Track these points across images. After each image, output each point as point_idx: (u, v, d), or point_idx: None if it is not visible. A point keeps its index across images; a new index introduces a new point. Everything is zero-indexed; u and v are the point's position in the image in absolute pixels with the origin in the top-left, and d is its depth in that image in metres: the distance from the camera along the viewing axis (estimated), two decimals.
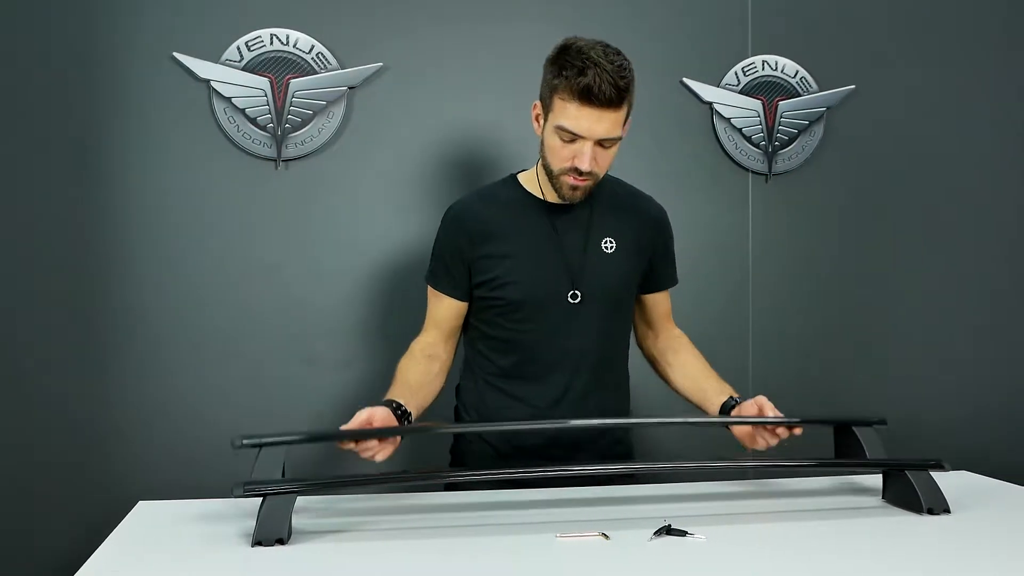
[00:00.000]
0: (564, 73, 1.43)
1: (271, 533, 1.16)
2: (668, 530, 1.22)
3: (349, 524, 1.28)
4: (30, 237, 2.01)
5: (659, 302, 1.74)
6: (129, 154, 2.05)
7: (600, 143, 1.47)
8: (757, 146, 2.37)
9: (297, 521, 1.25)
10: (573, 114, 1.44)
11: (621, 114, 1.47)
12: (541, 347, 1.59)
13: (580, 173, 1.49)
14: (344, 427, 1.35)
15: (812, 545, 1.20)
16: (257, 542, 1.16)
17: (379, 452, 1.36)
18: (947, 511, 1.34)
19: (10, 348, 2.00)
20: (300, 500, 1.26)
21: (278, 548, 1.15)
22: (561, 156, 1.49)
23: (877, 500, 1.44)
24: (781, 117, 2.38)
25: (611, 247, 1.62)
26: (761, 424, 1.45)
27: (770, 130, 2.37)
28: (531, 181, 1.64)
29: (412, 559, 1.13)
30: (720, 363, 1.70)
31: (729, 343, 2.35)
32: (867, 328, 2.43)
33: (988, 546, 1.21)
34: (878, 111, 2.43)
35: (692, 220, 2.33)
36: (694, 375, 1.67)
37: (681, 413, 1.77)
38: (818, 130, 2.40)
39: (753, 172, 2.38)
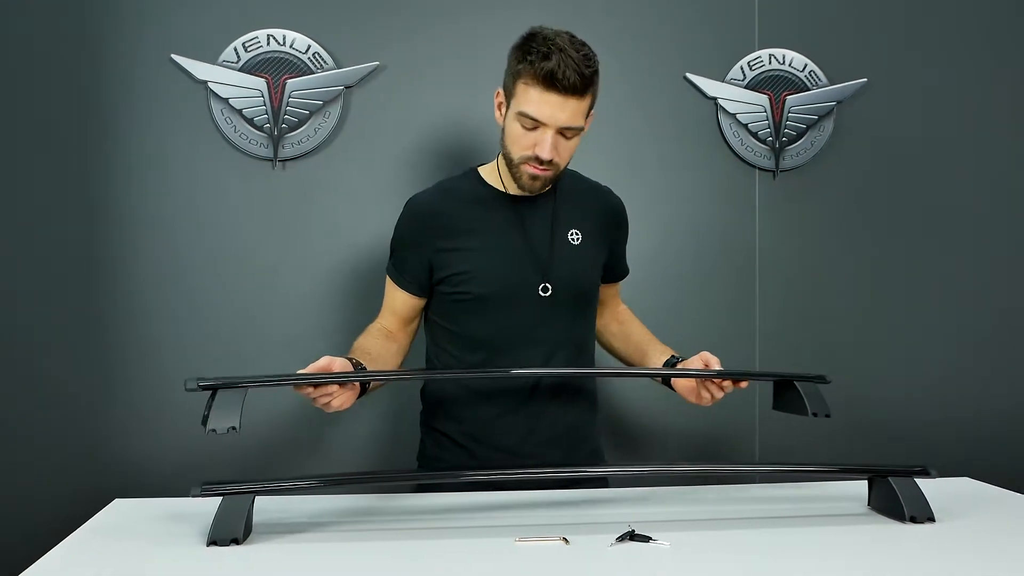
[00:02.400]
0: (528, 58, 1.42)
1: (226, 533, 1.16)
2: (631, 536, 1.19)
3: (308, 525, 1.27)
4: (27, 237, 2.03)
5: (612, 288, 1.76)
6: (128, 155, 2.06)
7: (562, 132, 1.45)
8: (764, 142, 2.31)
9: (258, 521, 1.25)
10: (536, 100, 1.42)
11: (584, 104, 1.45)
12: (512, 342, 1.56)
13: (541, 162, 1.47)
14: (302, 371, 1.33)
15: (781, 552, 1.16)
16: (212, 542, 1.15)
17: (337, 398, 1.34)
18: (931, 519, 1.28)
19: (9, 347, 2.03)
20: (263, 500, 1.26)
21: (232, 548, 1.15)
22: (522, 144, 1.47)
23: (862, 507, 1.39)
24: (789, 112, 2.31)
25: (577, 238, 1.60)
26: (707, 377, 1.46)
27: (777, 125, 2.31)
28: (492, 174, 1.62)
29: (365, 563, 1.12)
30: (725, 361, 1.66)
31: (735, 341, 2.29)
32: (875, 328, 2.34)
33: (962, 556, 1.15)
34: (890, 105, 2.34)
35: (697, 218, 2.29)
36: (636, 341, 1.71)
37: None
38: (828, 125, 2.33)
39: (760, 169, 2.31)
